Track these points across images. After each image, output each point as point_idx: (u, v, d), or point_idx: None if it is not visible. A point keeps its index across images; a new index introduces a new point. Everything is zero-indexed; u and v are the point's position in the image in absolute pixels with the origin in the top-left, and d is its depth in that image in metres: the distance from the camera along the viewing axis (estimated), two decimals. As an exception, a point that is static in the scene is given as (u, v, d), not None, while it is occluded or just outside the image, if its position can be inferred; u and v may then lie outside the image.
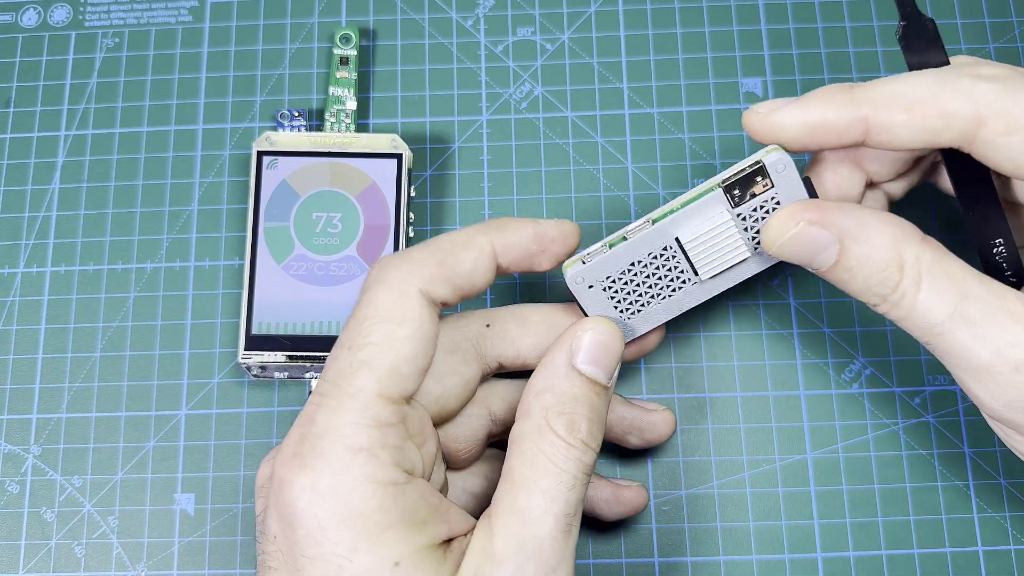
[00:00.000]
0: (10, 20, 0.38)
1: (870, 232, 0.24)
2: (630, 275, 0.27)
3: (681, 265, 0.26)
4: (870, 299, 0.24)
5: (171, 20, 0.38)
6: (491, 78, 0.36)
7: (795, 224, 0.24)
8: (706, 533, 0.32)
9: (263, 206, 0.33)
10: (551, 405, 0.25)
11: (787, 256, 0.25)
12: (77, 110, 0.37)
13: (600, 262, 0.26)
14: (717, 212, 0.26)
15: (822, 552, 0.31)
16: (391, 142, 0.34)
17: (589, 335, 0.26)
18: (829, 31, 0.37)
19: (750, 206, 0.25)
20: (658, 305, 0.27)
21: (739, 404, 0.33)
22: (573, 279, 0.27)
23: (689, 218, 0.26)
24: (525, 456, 0.25)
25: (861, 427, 0.32)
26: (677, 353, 0.33)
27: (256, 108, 0.36)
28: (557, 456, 0.25)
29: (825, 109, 0.24)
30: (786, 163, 0.25)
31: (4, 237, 0.35)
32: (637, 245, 0.26)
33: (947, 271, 0.23)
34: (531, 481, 0.25)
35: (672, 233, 0.26)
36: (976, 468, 0.32)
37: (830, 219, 0.24)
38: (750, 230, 0.26)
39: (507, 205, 0.35)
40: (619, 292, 0.27)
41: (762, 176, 0.25)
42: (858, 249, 0.24)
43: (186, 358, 0.34)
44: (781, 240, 0.25)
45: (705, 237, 0.26)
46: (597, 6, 0.37)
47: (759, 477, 0.32)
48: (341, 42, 0.36)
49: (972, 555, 0.31)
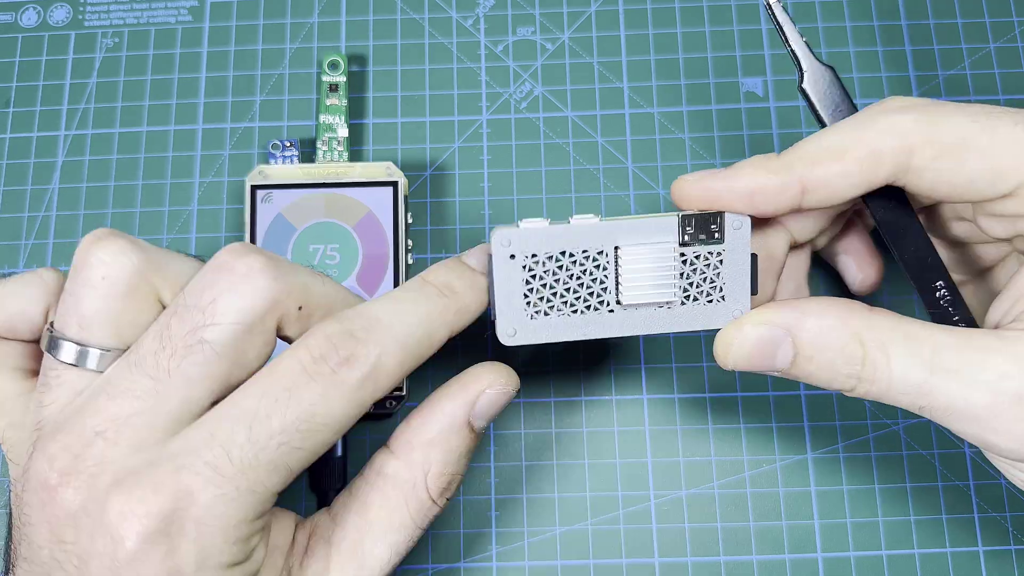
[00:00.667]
0: (10, 20, 0.38)
1: (814, 316, 0.24)
2: (555, 265, 0.25)
3: (607, 280, 0.25)
4: (844, 384, 0.24)
5: (171, 20, 0.38)
6: (491, 78, 0.36)
7: (739, 330, 0.24)
8: (706, 533, 0.32)
9: (259, 241, 0.33)
10: (436, 462, 0.25)
11: (744, 366, 0.25)
12: (77, 110, 0.36)
13: (533, 233, 0.25)
14: (665, 238, 0.25)
15: (822, 552, 0.31)
16: (386, 170, 0.34)
17: (495, 393, 0.25)
18: (829, 31, 0.36)
19: (695, 251, 0.25)
20: (565, 317, 0.25)
21: (739, 404, 0.33)
22: (499, 240, 0.25)
23: (636, 231, 0.25)
24: (388, 501, 0.25)
25: (861, 427, 0.32)
26: (677, 353, 0.33)
27: (256, 108, 0.36)
28: (419, 514, 0.25)
29: (758, 175, 0.24)
30: (743, 223, 0.25)
31: (4, 237, 0.35)
32: (576, 234, 0.25)
33: (907, 331, 0.23)
34: (384, 530, 0.25)
35: (613, 239, 0.25)
36: (976, 468, 0.32)
37: (769, 318, 0.24)
38: (685, 277, 0.25)
39: (507, 205, 0.35)
40: (536, 279, 0.25)
41: (718, 229, 0.25)
42: (808, 335, 0.24)
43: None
44: (732, 349, 0.24)
45: (642, 258, 0.25)
46: (597, 6, 0.37)
47: (759, 477, 0.32)
48: (329, 69, 0.35)
49: (973, 555, 0.31)
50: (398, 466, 0.25)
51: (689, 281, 0.25)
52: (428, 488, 0.25)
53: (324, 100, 0.35)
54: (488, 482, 0.32)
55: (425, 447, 0.25)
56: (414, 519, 0.25)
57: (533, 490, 0.32)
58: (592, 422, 0.33)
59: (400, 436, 0.26)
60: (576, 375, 0.33)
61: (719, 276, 0.25)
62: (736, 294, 0.25)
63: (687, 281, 0.25)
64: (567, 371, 0.33)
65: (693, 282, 0.25)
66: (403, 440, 0.26)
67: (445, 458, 0.25)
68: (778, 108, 0.36)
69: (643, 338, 0.33)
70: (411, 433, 0.25)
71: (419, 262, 0.34)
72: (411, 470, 0.25)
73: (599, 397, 0.33)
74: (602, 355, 0.33)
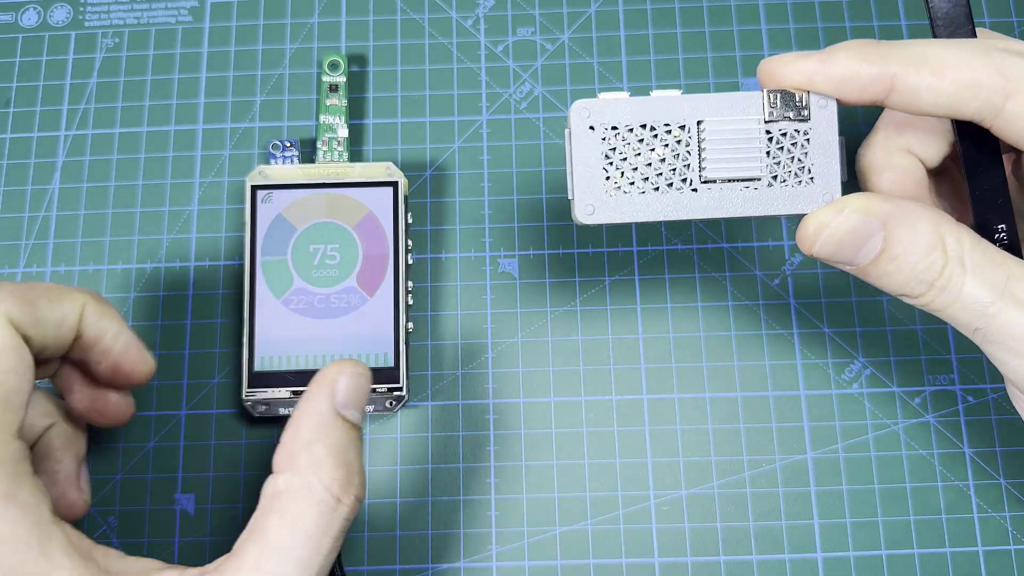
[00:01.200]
0: (10, 20, 0.38)
1: (913, 217, 0.23)
2: (635, 138, 0.24)
3: (690, 157, 0.24)
4: (914, 288, 0.23)
5: (171, 20, 0.38)
6: (491, 78, 0.36)
7: (838, 212, 0.23)
8: (706, 533, 0.32)
9: (259, 241, 0.33)
10: (323, 458, 0.25)
11: (829, 252, 0.24)
12: (77, 110, 0.37)
13: (613, 104, 0.24)
14: (750, 114, 0.24)
15: (822, 552, 0.31)
16: (386, 170, 0.34)
17: (345, 379, 0.26)
18: (829, 31, 0.37)
19: (780, 128, 0.24)
20: (646, 195, 0.24)
21: (739, 404, 0.33)
22: (578, 112, 0.24)
23: (719, 105, 0.24)
24: (285, 517, 0.24)
25: (861, 427, 0.32)
26: (677, 353, 0.33)
27: (256, 108, 0.36)
28: (324, 518, 0.24)
29: (852, 61, 0.24)
30: (830, 104, 0.24)
31: (4, 237, 0.35)
32: (658, 105, 0.24)
33: (986, 252, 0.23)
34: (289, 547, 0.24)
35: (696, 113, 0.24)
36: (976, 468, 0.32)
37: (870, 207, 0.23)
38: (771, 156, 0.24)
39: (507, 205, 0.35)
40: (615, 152, 0.24)
41: (804, 106, 0.24)
42: (902, 234, 0.23)
43: (186, 358, 0.34)
44: (825, 232, 0.24)
45: (727, 132, 0.24)
46: (597, 6, 0.37)
47: (759, 477, 0.32)
48: (330, 69, 0.35)
49: (972, 555, 0.31)
50: (287, 478, 0.25)
51: (776, 160, 0.24)
52: (326, 487, 0.24)
53: (324, 100, 0.35)
54: (488, 482, 0.32)
55: (306, 449, 0.25)
56: (319, 526, 0.24)
57: (533, 490, 0.32)
58: (592, 422, 0.33)
59: (279, 453, 0.25)
60: (576, 375, 0.33)
61: (807, 156, 0.24)
62: (826, 177, 0.25)
63: (773, 160, 0.24)
64: (567, 371, 0.33)
65: (780, 161, 0.24)
66: (283, 454, 0.25)
67: (331, 452, 0.25)
68: (778, 108, 0.36)
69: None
70: (288, 444, 0.25)
71: (419, 262, 0.34)
72: (301, 475, 0.25)
73: (599, 397, 0.33)
74: (602, 355, 0.33)
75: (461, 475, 0.32)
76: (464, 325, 0.34)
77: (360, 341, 0.32)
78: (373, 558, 0.32)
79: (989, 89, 0.23)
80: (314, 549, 0.24)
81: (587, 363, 0.33)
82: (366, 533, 0.32)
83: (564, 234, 0.35)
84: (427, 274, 0.34)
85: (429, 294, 0.34)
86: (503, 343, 0.34)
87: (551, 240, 0.35)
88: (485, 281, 0.34)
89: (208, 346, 0.34)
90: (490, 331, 0.34)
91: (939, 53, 0.24)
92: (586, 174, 0.24)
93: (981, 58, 0.23)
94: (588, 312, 0.34)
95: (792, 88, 0.24)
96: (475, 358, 0.34)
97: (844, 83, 0.24)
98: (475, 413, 0.33)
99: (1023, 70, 0.23)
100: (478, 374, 0.33)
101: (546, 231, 0.35)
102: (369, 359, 0.32)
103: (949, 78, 0.23)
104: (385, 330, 0.32)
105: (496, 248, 0.35)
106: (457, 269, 0.34)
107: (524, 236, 0.35)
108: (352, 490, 0.25)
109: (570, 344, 0.34)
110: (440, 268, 0.34)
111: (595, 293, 0.34)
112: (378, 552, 0.32)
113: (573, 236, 0.35)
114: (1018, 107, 0.23)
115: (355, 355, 0.32)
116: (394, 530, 0.32)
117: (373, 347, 0.32)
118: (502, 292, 0.34)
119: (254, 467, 0.33)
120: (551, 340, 0.34)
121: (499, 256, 0.35)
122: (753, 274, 0.34)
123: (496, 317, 0.34)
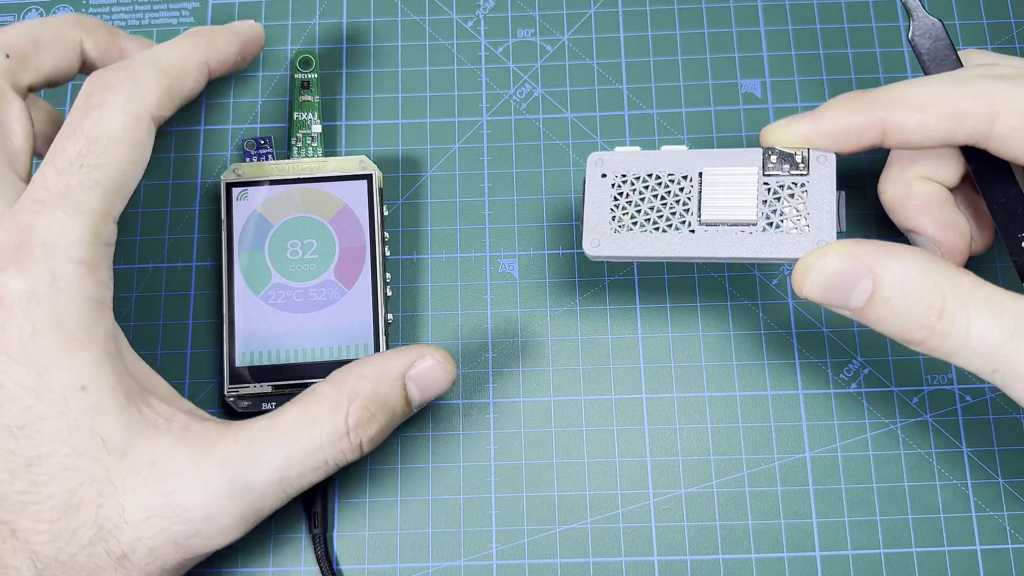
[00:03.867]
0: (12, 21, 0.38)
1: (900, 260, 0.23)
2: (642, 184, 0.27)
3: (690, 202, 0.27)
4: (915, 335, 0.23)
5: (172, 21, 0.38)
6: (491, 79, 0.37)
7: (822, 256, 0.24)
8: (705, 532, 0.32)
9: (236, 238, 0.33)
10: (362, 393, 0.26)
11: (819, 295, 0.24)
12: (79, 111, 0.37)
13: (625, 156, 0.27)
14: (748, 167, 0.26)
15: (821, 551, 0.32)
16: (360, 163, 0.34)
17: (430, 361, 0.28)
18: (828, 32, 0.37)
19: (778, 180, 0.26)
20: (648, 234, 0.27)
21: (738, 403, 0.33)
22: (594, 161, 0.28)
23: (721, 159, 0.26)
24: (305, 414, 0.26)
25: (860, 426, 0.33)
26: (676, 353, 0.34)
27: (258, 109, 0.37)
28: (329, 440, 0.26)
29: (842, 116, 0.25)
30: (829, 159, 0.26)
31: (7, 237, 0.35)
32: (665, 158, 0.27)
33: (991, 294, 0.23)
34: (287, 437, 0.26)
35: (699, 165, 0.27)
36: (974, 467, 0.32)
37: (854, 251, 0.24)
38: (767, 204, 0.26)
39: (507, 205, 0.35)
40: (623, 196, 0.27)
41: (802, 161, 0.26)
42: (891, 276, 0.23)
43: (188, 358, 0.34)
44: (811, 274, 0.24)
45: (725, 180, 0.26)
46: (597, 7, 0.37)
47: (758, 476, 0.32)
48: (300, 66, 0.36)
49: (970, 554, 0.31)
50: (326, 388, 0.27)
51: (772, 209, 0.26)
52: (346, 416, 0.26)
53: (297, 97, 0.35)
54: (488, 481, 0.33)
55: (358, 379, 0.27)
56: (323, 442, 0.26)
57: (533, 489, 0.32)
58: (591, 421, 0.33)
59: (339, 371, 0.28)
60: (576, 375, 0.33)
61: (804, 207, 0.26)
62: (821, 226, 0.25)
63: (770, 208, 0.26)
64: (567, 371, 0.33)
65: (776, 210, 0.26)
66: (340, 373, 0.28)
67: (373, 394, 0.27)
68: (776, 109, 0.36)
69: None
70: (349, 369, 0.28)
71: (419, 262, 0.35)
72: (338, 392, 0.27)
73: (599, 396, 0.33)
74: (602, 355, 0.34)
75: (461, 473, 0.33)
76: (464, 325, 0.34)
77: (340, 334, 0.32)
78: (373, 556, 0.32)
79: (975, 116, 0.24)
80: (305, 454, 0.26)
81: (587, 363, 0.34)
82: (367, 532, 0.32)
83: (564, 234, 0.35)
84: (427, 274, 0.35)
85: (429, 294, 0.34)
86: (503, 343, 0.34)
87: (551, 240, 0.35)
88: (485, 281, 0.34)
89: (210, 346, 0.34)
90: (490, 331, 0.34)
91: (921, 92, 0.25)
92: (595, 213, 0.27)
93: (961, 89, 0.24)
94: (588, 312, 0.34)
95: (793, 149, 0.26)
96: (475, 358, 0.34)
97: (838, 137, 0.25)
98: (475, 413, 0.33)
99: (1005, 92, 0.24)
100: (478, 374, 0.34)
101: (546, 231, 0.35)
102: (349, 351, 0.32)
103: (934, 113, 0.24)
104: (364, 322, 0.32)
105: (496, 248, 0.35)
106: (457, 269, 0.35)
107: (524, 236, 0.35)
108: (360, 433, 0.26)
109: (570, 344, 0.34)
110: (440, 268, 0.35)
111: (595, 293, 0.34)
112: (378, 551, 0.32)
113: (573, 236, 0.35)
114: (1005, 128, 0.24)
115: (335, 347, 0.32)
116: (395, 529, 0.32)
117: (353, 339, 0.32)
118: (502, 292, 0.34)
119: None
120: (551, 340, 0.34)
121: (499, 256, 0.35)
122: (752, 274, 0.34)
123: (496, 317, 0.34)
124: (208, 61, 0.29)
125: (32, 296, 0.24)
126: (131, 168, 0.26)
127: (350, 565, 0.32)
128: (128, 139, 0.26)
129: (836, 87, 0.36)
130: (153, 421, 0.26)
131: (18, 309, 0.24)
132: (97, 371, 0.25)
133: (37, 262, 0.24)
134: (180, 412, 0.27)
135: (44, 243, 0.25)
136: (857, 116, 0.25)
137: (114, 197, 0.26)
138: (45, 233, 0.25)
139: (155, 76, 0.27)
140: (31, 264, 0.24)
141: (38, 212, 0.25)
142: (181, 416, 0.26)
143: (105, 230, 0.26)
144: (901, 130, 0.25)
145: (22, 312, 0.24)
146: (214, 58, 0.30)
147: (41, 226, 0.25)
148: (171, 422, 0.26)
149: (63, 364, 0.24)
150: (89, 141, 0.26)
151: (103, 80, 0.27)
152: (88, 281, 0.25)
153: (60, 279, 0.25)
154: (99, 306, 0.25)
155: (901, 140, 0.25)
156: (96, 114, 0.26)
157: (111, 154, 0.26)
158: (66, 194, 0.25)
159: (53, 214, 0.25)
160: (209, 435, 0.26)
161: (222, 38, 0.30)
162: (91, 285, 0.25)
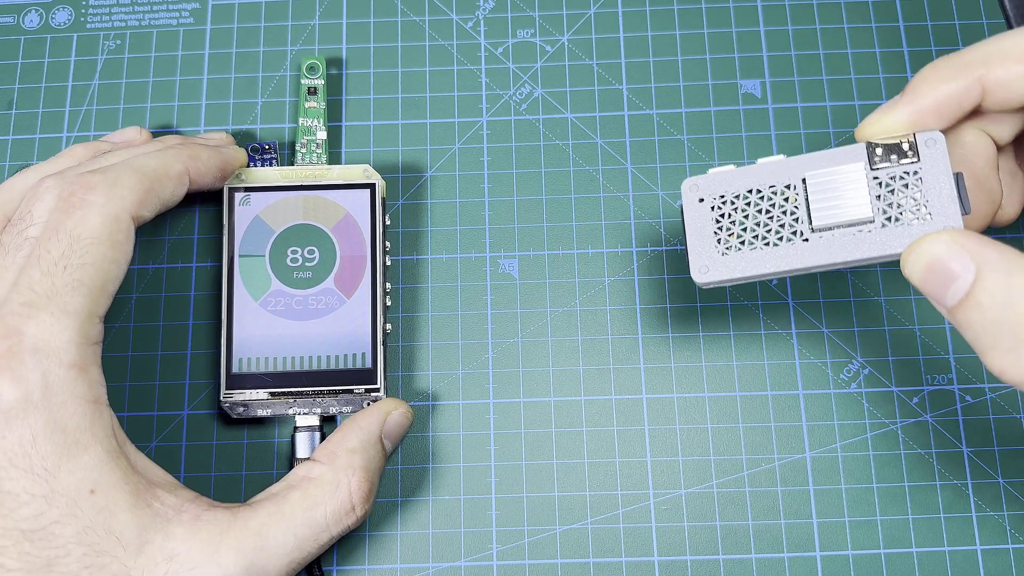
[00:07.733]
0: (12, 22, 0.38)
1: (1011, 267, 0.21)
2: (743, 202, 0.25)
3: (798, 211, 0.25)
4: (1003, 341, 0.21)
5: (172, 22, 0.38)
6: (491, 79, 0.37)
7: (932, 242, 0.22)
8: (705, 532, 0.32)
9: (237, 243, 0.33)
10: (359, 467, 0.28)
11: (919, 278, 0.23)
12: (79, 112, 0.37)
13: (720, 176, 0.26)
14: (853, 164, 0.24)
15: (821, 551, 0.32)
16: (363, 172, 0.34)
17: (395, 415, 0.31)
18: (827, 32, 0.37)
19: (889, 172, 0.24)
20: (758, 251, 0.25)
21: (738, 403, 0.33)
22: (689, 187, 0.26)
23: (821, 162, 0.25)
24: (308, 498, 0.27)
25: (860, 426, 0.33)
26: (676, 353, 0.34)
27: (257, 110, 0.37)
28: (335, 518, 0.27)
29: (938, 87, 0.24)
30: (937, 139, 0.24)
31: (7, 238, 0.35)
32: (762, 170, 0.25)
33: None
34: (298, 523, 0.27)
35: (801, 171, 0.25)
36: (974, 467, 0.32)
37: (963, 242, 0.22)
38: (882, 198, 0.24)
39: (507, 206, 0.35)
40: (725, 217, 0.25)
41: (910, 149, 0.24)
42: (994, 282, 0.21)
43: (188, 359, 0.34)
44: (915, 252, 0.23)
45: (832, 181, 0.24)
46: (596, 8, 0.37)
47: (758, 476, 0.32)
48: (308, 72, 0.35)
49: (970, 554, 0.31)
50: (323, 469, 0.28)
51: (887, 203, 0.24)
52: (350, 492, 0.28)
53: (303, 103, 0.35)
54: (488, 482, 0.33)
55: (349, 454, 0.29)
56: (329, 521, 0.27)
57: (533, 489, 0.32)
58: (592, 422, 0.33)
59: (323, 449, 0.29)
60: (576, 375, 0.33)
61: (921, 195, 0.24)
62: (944, 211, 0.23)
63: (885, 203, 0.24)
64: (567, 371, 0.33)
65: (892, 203, 0.24)
66: (327, 451, 0.29)
67: (367, 465, 0.29)
68: (776, 110, 0.36)
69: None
70: (334, 445, 0.29)
71: (420, 263, 0.35)
72: (336, 473, 0.28)
73: (599, 397, 0.33)
74: (602, 355, 0.34)
75: (461, 474, 0.33)
76: (464, 325, 0.34)
77: (338, 342, 0.32)
78: (374, 557, 0.32)
79: None
80: (314, 535, 0.27)
81: (587, 363, 0.34)
82: (367, 532, 0.32)
83: (564, 234, 0.35)
84: (427, 275, 0.35)
85: (429, 294, 0.34)
86: (503, 343, 0.34)
87: (551, 240, 0.35)
88: (485, 281, 0.34)
89: (210, 346, 0.34)
90: (490, 331, 0.34)
91: (1016, 42, 0.23)
92: (698, 240, 0.26)
93: None
94: (588, 312, 0.34)
95: (896, 137, 0.24)
96: (475, 358, 0.34)
97: (941, 110, 0.24)
98: (475, 413, 0.33)
99: None
100: (478, 374, 0.34)
101: (546, 231, 0.35)
102: (346, 360, 0.32)
103: None
104: (363, 331, 0.32)
105: (496, 248, 0.35)
106: (457, 269, 0.35)
107: (524, 236, 0.35)
108: (365, 505, 0.28)
109: (570, 344, 0.34)
110: (440, 269, 0.35)
111: (595, 293, 0.34)
112: (379, 551, 0.32)
113: (573, 236, 0.35)
114: None
115: (333, 356, 0.32)
116: (395, 529, 0.32)
117: (351, 348, 0.32)
118: (502, 292, 0.34)
119: (256, 467, 0.33)
120: (551, 340, 0.34)
121: (499, 256, 0.35)
122: (752, 274, 0.34)
123: (496, 317, 0.34)
124: (189, 171, 0.30)
125: (27, 403, 0.24)
126: (113, 267, 0.27)
127: (350, 565, 0.32)
128: (109, 239, 0.27)
129: (836, 87, 0.36)
130: (164, 514, 0.26)
131: (15, 417, 0.24)
132: (103, 472, 0.25)
133: (29, 369, 0.24)
134: (187, 502, 0.27)
135: (34, 349, 0.25)
136: (954, 82, 0.23)
137: (99, 296, 0.26)
138: (35, 339, 0.25)
139: (136, 178, 0.28)
140: (23, 371, 0.24)
141: (27, 317, 0.25)
142: (189, 506, 0.27)
143: (92, 330, 0.26)
144: (1003, 85, 0.23)
145: (19, 420, 0.24)
146: (195, 170, 0.31)
147: (30, 332, 0.25)
148: (181, 513, 0.26)
149: (68, 468, 0.24)
150: (72, 240, 0.26)
151: (85, 181, 0.27)
152: (81, 383, 0.25)
153: (53, 384, 0.25)
154: (95, 406, 0.26)
155: (1003, 97, 0.23)
156: (79, 214, 0.26)
157: (93, 254, 0.26)
158: (52, 296, 0.25)
159: (41, 318, 0.25)
160: (220, 524, 0.26)
161: (206, 154, 0.31)
162: (84, 386, 0.25)
